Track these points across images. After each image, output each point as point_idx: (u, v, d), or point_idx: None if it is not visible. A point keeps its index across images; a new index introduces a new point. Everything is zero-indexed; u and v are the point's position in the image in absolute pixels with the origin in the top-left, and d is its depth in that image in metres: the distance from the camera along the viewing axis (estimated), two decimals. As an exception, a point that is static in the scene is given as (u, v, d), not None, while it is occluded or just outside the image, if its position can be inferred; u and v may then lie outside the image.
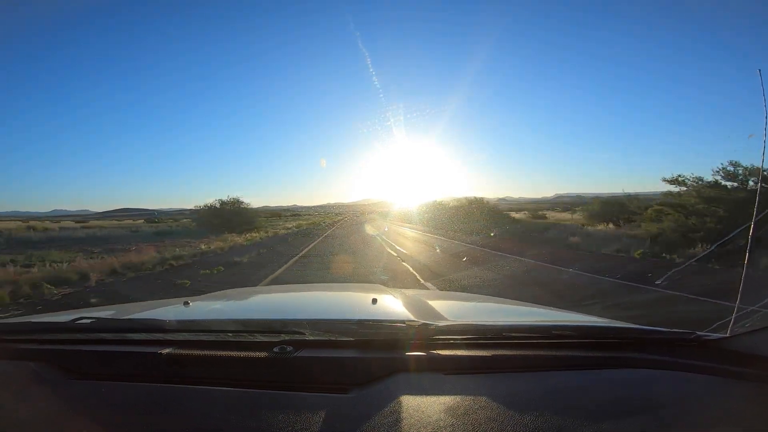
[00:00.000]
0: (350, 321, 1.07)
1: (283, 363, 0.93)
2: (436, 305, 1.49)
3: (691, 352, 0.98)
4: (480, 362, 0.95)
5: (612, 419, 0.75)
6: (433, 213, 28.45)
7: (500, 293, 5.70)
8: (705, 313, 4.64)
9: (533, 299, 4.75)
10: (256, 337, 1.02)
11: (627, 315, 3.53)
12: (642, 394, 0.84)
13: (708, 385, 0.87)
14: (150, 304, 1.86)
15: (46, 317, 1.44)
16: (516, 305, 1.84)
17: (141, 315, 1.38)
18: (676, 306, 5.11)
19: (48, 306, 5.93)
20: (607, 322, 1.29)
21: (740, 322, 0.96)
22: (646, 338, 1.05)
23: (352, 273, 8.30)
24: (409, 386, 0.85)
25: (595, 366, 0.96)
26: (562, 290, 6.32)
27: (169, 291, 6.77)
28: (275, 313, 1.59)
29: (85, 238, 24.07)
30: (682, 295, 5.44)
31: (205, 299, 1.78)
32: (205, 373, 0.95)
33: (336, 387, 0.87)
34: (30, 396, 0.90)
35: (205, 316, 1.40)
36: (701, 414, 0.79)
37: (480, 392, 0.83)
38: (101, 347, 1.08)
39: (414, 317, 1.16)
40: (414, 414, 0.75)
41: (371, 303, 1.44)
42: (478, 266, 8.77)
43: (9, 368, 1.03)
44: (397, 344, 0.99)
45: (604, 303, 5.27)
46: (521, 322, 1.30)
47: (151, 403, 0.84)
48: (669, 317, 4.55)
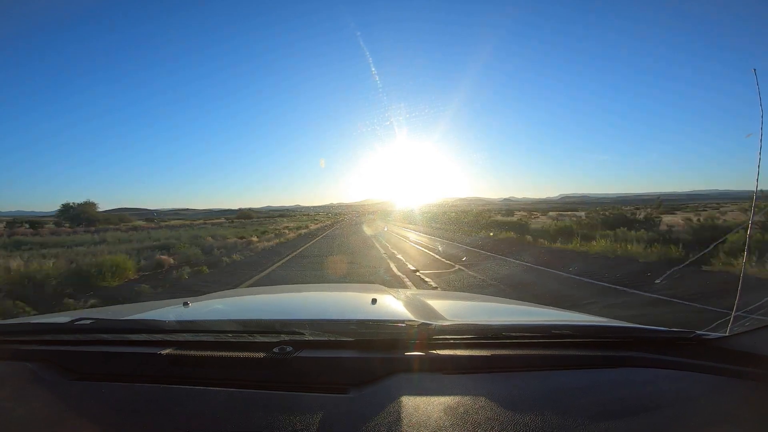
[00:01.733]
0: (350, 321, 1.07)
1: (283, 363, 0.93)
2: (436, 305, 1.49)
3: (690, 351, 0.98)
4: (480, 362, 0.95)
5: (612, 418, 0.75)
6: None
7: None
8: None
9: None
10: (255, 338, 1.02)
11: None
12: (641, 393, 0.84)
13: (707, 384, 0.87)
14: (149, 304, 1.86)
15: (45, 318, 1.44)
16: (515, 305, 1.84)
17: (140, 316, 1.38)
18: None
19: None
20: (607, 321, 1.29)
21: (739, 322, 0.96)
22: (646, 337, 1.05)
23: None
24: (408, 386, 0.85)
25: (595, 365, 0.96)
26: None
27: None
28: (275, 313, 1.59)
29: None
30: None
31: (204, 300, 1.77)
32: (205, 373, 0.95)
33: (336, 387, 0.87)
34: (29, 397, 0.90)
35: (204, 316, 1.40)
36: (701, 413, 0.79)
37: (480, 392, 0.83)
38: (101, 348, 1.08)
39: (414, 317, 1.16)
40: (414, 414, 0.76)
41: (371, 303, 1.44)
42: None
43: (8, 369, 1.03)
44: (397, 344, 0.99)
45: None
46: (520, 321, 1.30)
47: (151, 404, 0.84)
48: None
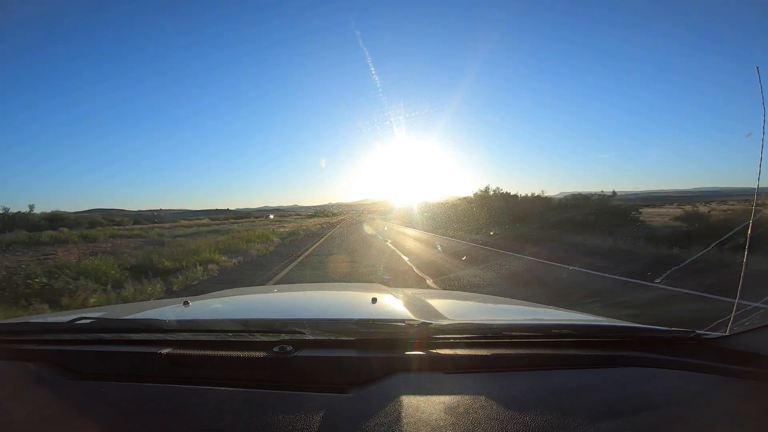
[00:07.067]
0: (350, 320, 1.07)
1: (283, 363, 0.93)
2: (436, 304, 1.49)
3: (690, 350, 0.98)
4: (480, 361, 0.95)
5: (612, 418, 0.75)
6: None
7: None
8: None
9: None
10: (256, 337, 1.02)
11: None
12: (642, 392, 0.84)
13: (708, 384, 0.87)
14: (150, 304, 1.86)
15: (45, 317, 1.44)
16: (516, 304, 1.84)
17: (141, 315, 1.38)
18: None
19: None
20: (607, 320, 1.29)
21: (739, 321, 0.96)
22: (646, 337, 1.05)
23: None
24: (409, 385, 0.85)
25: (595, 365, 0.96)
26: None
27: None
28: (275, 312, 1.59)
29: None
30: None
31: (204, 299, 1.78)
32: (205, 373, 0.95)
33: (336, 386, 0.87)
34: (30, 396, 0.90)
35: (204, 315, 1.40)
36: (701, 413, 0.79)
37: (480, 391, 0.83)
38: (101, 347, 1.08)
39: (414, 316, 1.16)
40: (414, 413, 0.76)
41: (371, 302, 1.44)
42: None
43: (8, 369, 1.03)
44: (397, 344, 0.99)
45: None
46: (521, 320, 1.30)
47: (151, 403, 0.84)
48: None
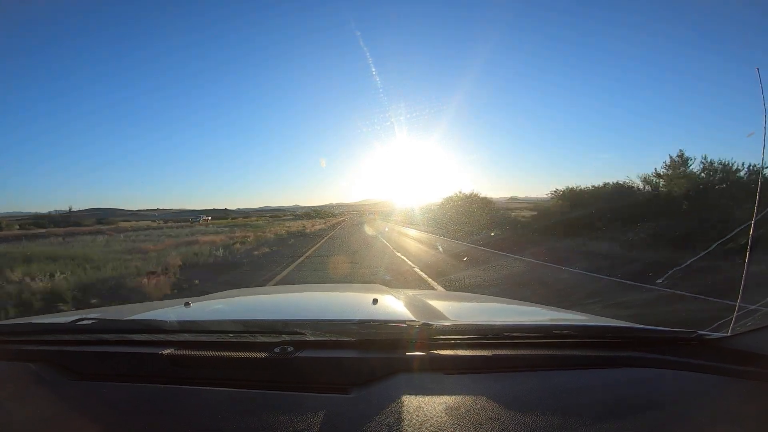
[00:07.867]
0: (351, 321, 1.07)
1: (284, 363, 0.93)
2: (437, 305, 1.49)
3: (692, 351, 0.97)
4: (481, 362, 0.95)
5: (613, 418, 0.75)
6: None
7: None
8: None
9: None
10: (256, 338, 1.02)
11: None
12: (643, 393, 0.84)
13: (709, 384, 0.87)
14: (151, 304, 1.86)
15: (46, 318, 1.44)
16: (517, 305, 1.84)
17: (142, 316, 1.38)
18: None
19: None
20: (608, 321, 1.29)
21: (741, 321, 0.96)
22: (647, 337, 1.05)
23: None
24: (410, 386, 0.85)
25: (596, 365, 0.96)
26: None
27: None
28: (276, 313, 1.59)
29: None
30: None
31: (205, 300, 1.78)
32: (206, 373, 0.95)
33: (337, 387, 0.87)
34: (31, 397, 0.90)
35: (205, 316, 1.40)
36: (703, 413, 0.79)
37: (481, 392, 0.82)
38: (102, 348, 1.08)
39: (415, 317, 1.16)
40: (415, 414, 0.75)
41: (372, 303, 1.44)
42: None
43: (10, 369, 1.03)
44: (398, 344, 0.98)
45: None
46: (522, 321, 1.30)
47: (152, 404, 0.85)
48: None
